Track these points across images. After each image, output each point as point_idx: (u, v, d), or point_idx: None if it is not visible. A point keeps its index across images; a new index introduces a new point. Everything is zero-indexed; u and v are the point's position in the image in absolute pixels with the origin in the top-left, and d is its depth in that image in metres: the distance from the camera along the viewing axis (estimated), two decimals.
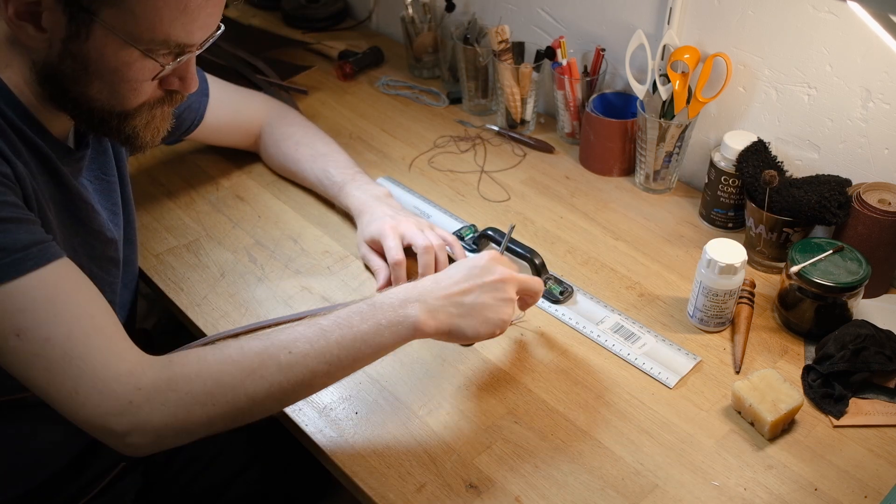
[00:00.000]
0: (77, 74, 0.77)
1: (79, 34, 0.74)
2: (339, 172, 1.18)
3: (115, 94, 0.79)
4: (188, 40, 0.78)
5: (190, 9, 0.75)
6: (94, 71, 0.77)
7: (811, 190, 1.03)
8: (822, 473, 0.85)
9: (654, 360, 0.98)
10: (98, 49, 0.75)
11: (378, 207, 1.11)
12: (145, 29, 0.75)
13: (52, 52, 0.75)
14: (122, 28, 0.74)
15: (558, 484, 0.84)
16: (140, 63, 0.77)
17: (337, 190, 1.17)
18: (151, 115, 0.84)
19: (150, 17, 0.74)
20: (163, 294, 1.08)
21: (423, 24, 1.50)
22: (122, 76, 0.78)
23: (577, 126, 1.35)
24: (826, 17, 1.02)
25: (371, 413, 0.91)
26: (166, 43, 0.77)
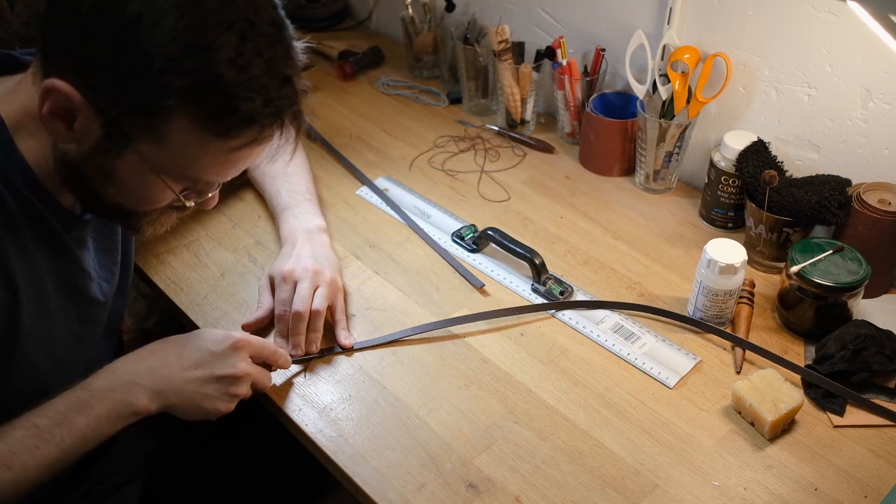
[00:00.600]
0: (96, 178, 0.75)
1: (109, 150, 0.72)
2: (288, 195, 1.14)
3: (129, 202, 0.79)
4: (219, 180, 0.79)
5: (231, 159, 0.75)
6: (114, 181, 0.75)
7: (811, 190, 1.03)
8: (822, 473, 0.85)
9: (654, 360, 0.97)
10: (125, 169, 0.74)
11: (300, 244, 1.06)
12: (179, 168, 0.74)
13: (77, 151, 0.73)
14: (156, 162, 0.73)
15: (558, 484, 0.84)
16: (163, 189, 0.77)
17: (278, 213, 1.13)
18: (159, 217, 0.83)
19: (189, 162, 0.74)
20: (163, 294, 1.08)
21: (423, 24, 1.50)
22: (142, 194, 0.78)
23: (577, 126, 1.35)
24: (826, 17, 1.02)
25: (371, 413, 0.91)
26: (196, 181, 0.77)
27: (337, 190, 1.26)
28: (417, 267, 1.12)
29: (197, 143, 0.71)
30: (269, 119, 0.72)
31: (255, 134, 0.72)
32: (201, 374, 0.84)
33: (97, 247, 0.92)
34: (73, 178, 0.76)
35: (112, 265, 0.95)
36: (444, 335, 1.01)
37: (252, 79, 0.68)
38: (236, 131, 0.71)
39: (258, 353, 0.90)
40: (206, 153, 0.73)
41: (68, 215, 0.83)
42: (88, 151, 0.73)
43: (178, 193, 0.78)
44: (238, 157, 0.75)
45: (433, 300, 1.06)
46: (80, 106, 0.69)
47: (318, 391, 0.94)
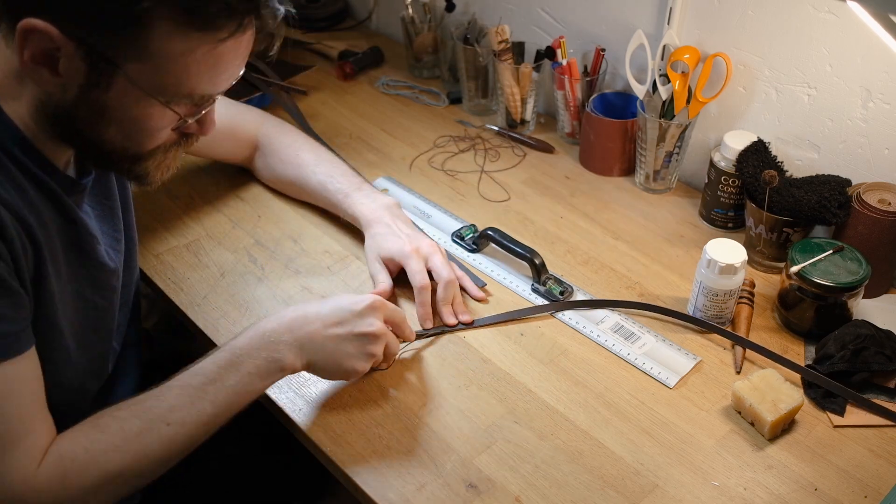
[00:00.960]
0: (92, 119, 0.75)
1: (98, 83, 0.71)
2: (343, 180, 1.15)
3: (131, 140, 0.78)
4: (213, 91, 0.78)
5: (220, 63, 0.74)
6: (110, 118, 0.75)
7: (811, 190, 1.03)
8: (822, 473, 0.85)
9: (654, 360, 0.97)
10: (118, 99, 0.73)
11: (392, 222, 1.09)
12: (171, 83, 0.73)
13: (66, 95, 0.73)
14: (147, 81, 0.72)
15: (558, 484, 0.84)
16: (161, 113, 0.76)
17: (342, 197, 1.13)
18: (164, 157, 0.83)
19: (179, 73, 0.72)
20: (163, 294, 1.08)
21: (423, 24, 1.50)
22: (141, 125, 0.77)
23: (577, 126, 1.35)
24: (826, 17, 1.02)
25: (371, 413, 0.91)
26: (190, 95, 0.76)
27: None
28: None
29: (182, 45, 0.70)
30: (244, 4, 0.71)
31: (235, 24, 0.71)
32: (341, 332, 0.87)
33: (97, 214, 0.91)
34: (69, 129, 0.76)
35: (115, 232, 0.95)
36: (443, 334, 1.01)
37: None
38: (217, 21, 0.70)
39: (391, 316, 0.93)
40: (192, 55, 0.71)
41: (67, 179, 0.82)
42: (78, 92, 0.72)
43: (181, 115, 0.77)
44: (225, 52, 0.73)
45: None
46: (61, 42, 0.68)
47: (318, 391, 0.94)
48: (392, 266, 1.06)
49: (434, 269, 1.04)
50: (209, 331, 1.02)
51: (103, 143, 0.77)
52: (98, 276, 0.89)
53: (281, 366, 0.85)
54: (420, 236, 1.08)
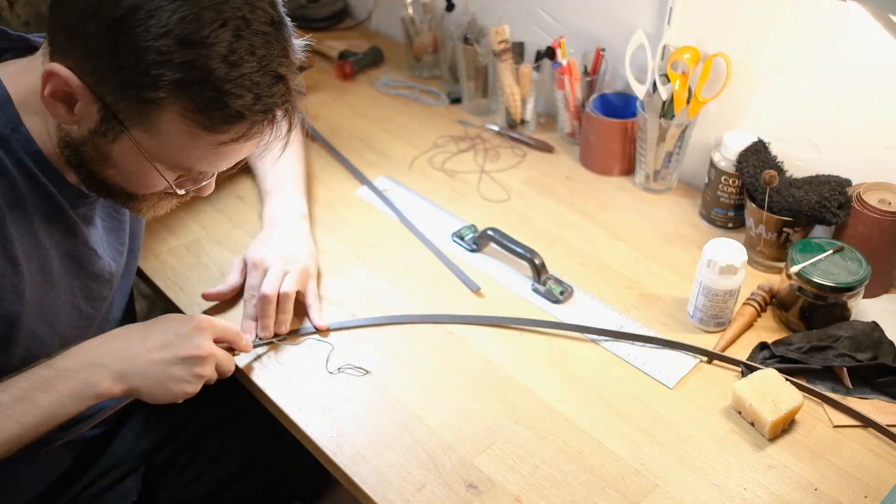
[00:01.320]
0: (96, 159, 0.77)
1: (106, 134, 0.74)
2: (273, 180, 1.16)
3: (129, 184, 0.80)
4: (212, 170, 0.80)
5: (222, 152, 0.76)
6: (112, 164, 0.77)
7: (811, 190, 1.03)
8: (822, 473, 0.85)
9: (654, 360, 0.97)
10: (121, 153, 0.76)
11: (276, 231, 1.08)
12: (171, 157, 0.76)
13: (77, 132, 0.75)
14: (149, 149, 0.75)
15: (558, 484, 0.84)
16: (158, 177, 0.78)
17: (262, 196, 1.17)
18: (159, 202, 0.85)
19: (179, 152, 0.75)
20: (163, 294, 1.08)
21: (423, 24, 1.50)
22: (139, 178, 0.79)
23: (577, 126, 1.35)
24: (826, 17, 1.02)
25: (371, 413, 0.91)
26: (189, 171, 0.78)
27: (337, 190, 1.26)
28: (417, 267, 1.12)
29: (187, 135, 0.72)
30: (259, 115, 0.72)
31: (244, 130, 0.73)
32: (166, 356, 0.85)
33: (105, 226, 0.93)
34: (75, 159, 0.78)
35: (120, 245, 0.96)
36: (444, 335, 1.01)
37: (243, 76, 0.69)
38: (225, 126, 0.72)
39: (221, 334, 0.91)
40: (195, 145, 0.74)
41: (74, 192, 0.84)
42: (88, 134, 0.75)
43: (172, 182, 0.79)
44: (228, 150, 0.76)
45: (433, 300, 1.06)
46: (79, 90, 0.71)
47: (318, 391, 0.94)
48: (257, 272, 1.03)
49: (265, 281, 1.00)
50: None
51: (104, 179, 0.80)
52: (91, 286, 0.91)
53: (97, 392, 0.82)
54: (279, 248, 1.05)
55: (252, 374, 0.96)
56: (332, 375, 0.96)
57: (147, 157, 0.75)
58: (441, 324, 1.02)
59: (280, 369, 0.97)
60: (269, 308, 0.98)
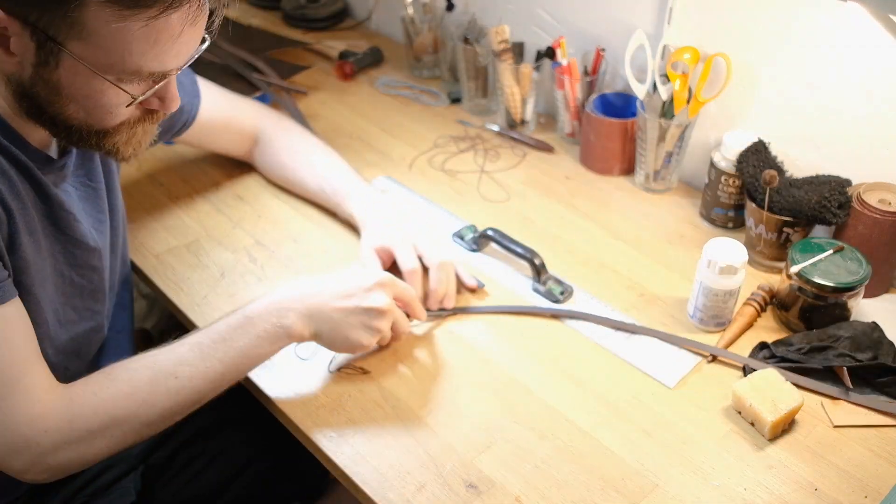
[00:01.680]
0: (50, 97, 0.76)
1: (48, 62, 0.72)
2: (339, 182, 1.17)
3: (92, 116, 0.79)
4: (162, 69, 0.77)
5: (161, 41, 0.73)
6: (66, 95, 0.76)
7: (811, 190, 1.03)
8: (822, 473, 0.85)
9: (654, 359, 0.97)
10: (69, 77, 0.74)
11: (386, 216, 1.11)
12: (115, 61, 0.73)
13: (24, 74, 0.74)
14: (91, 59, 0.73)
15: (558, 484, 0.84)
16: (113, 91, 0.76)
17: (339, 200, 1.16)
18: (132, 133, 0.83)
19: (119, 50, 0.72)
20: (163, 294, 1.08)
21: (423, 24, 1.50)
22: (96, 102, 0.77)
23: (577, 126, 1.35)
24: (826, 17, 1.02)
25: (371, 413, 0.91)
26: (138, 73, 0.76)
27: None
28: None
29: (116, 23, 0.70)
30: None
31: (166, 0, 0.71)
32: (349, 305, 0.90)
33: (79, 195, 0.92)
34: (34, 107, 0.77)
35: (99, 213, 0.95)
36: (443, 335, 1.01)
37: None
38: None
39: (400, 295, 0.95)
40: (129, 33, 0.71)
41: (42, 156, 0.83)
42: (33, 71, 0.73)
43: (131, 94, 0.77)
44: (164, 35, 0.73)
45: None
46: (6, 23, 0.70)
47: (318, 391, 0.94)
48: (385, 256, 1.08)
49: (423, 255, 1.05)
50: None
51: (67, 120, 0.78)
52: (75, 252, 0.90)
53: (288, 332, 0.88)
54: (412, 227, 1.10)
55: (252, 374, 0.96)
56: (332, 375, 0.96)
57: (94, 71, 0.73)
58: (448, 318, 1.02)
59: (280, 369, 0.97)
60: (445, 276, 1.04)
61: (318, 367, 0.97)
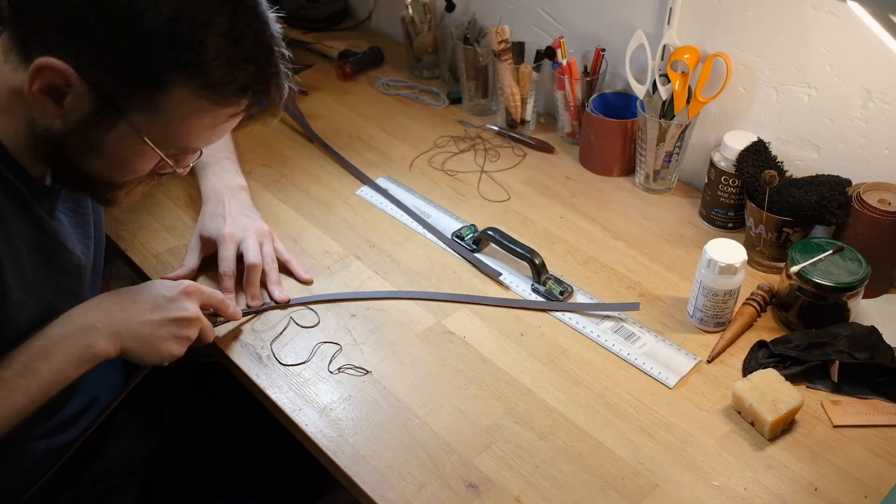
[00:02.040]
0: (80, 150, 0.77)
1: (100, 124, 0.74)
2: (207, 153, 1.16)
3: (113, 173, 0.81)
4: (203, 146, 0.82)
5: (220, 127, 0.79)
6: (100, 153, 0.78)
7: (811, 190, 1.03)
8: (822, 473, 0.85)
9: (653, 360, 0.97)
10: (116, 141, 0.76)
11: (226, 202, 1.11)
12: (172, 138, 0.77)
13: (61, 125, 0.75)
14: (150, 133, 0.76)
15: (558, 484, 0.84)
16: (151, 159, 0.80)
17: (199, 168, 1.17)
18: (136, 186, 0.86)
19: (183, 132, 0.77)
20: None
21: (423, 24, 1.50)
22: (129, 165, 0.80)
23: (577, 126, 1.35)
24: (826, 17, 1.02)
25: (371, 413, 0.91)
26: (185, 150, 0.81)
27: (337, 190, 1.26)
28: (418, 267, 1.12)
29: (193, 113, 0.75)
30: (261, 86, 0.76)
31: (247, 101, 0.77)
32: (156, 317, 0.88)
33: (70, 220, 0.93)
34: (54, 153, 0.78)
35: (87, 239, 0.96)
36: (444, 335, 1.01)
37: (246, 50, 0.73)
38: (233, 99, 0.75)
39: (207, 300, 0.94)
40: (200, 123, 0.77)
41: (40, 187, 0.84)
42: (75, 126, 0.75)
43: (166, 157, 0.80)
44: (226, 125, 0.79)
45: (433, 300, 1.06)
46: (75, 82, 0.71)
47: (317, 391, 0.94)
48: (209, 247, 1.08)
49: (243, 253, 1.05)
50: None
51: (85, 171, 0.80)
52: (60, 279, 0.91)
53: (94, 354, 0.85)
54: (242, 220, 1.09)
55: (252, 374, 0.96)
56: (332, 375, 0.96)
57: (149, 143, 0.76)
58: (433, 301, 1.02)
59: (280, 369, 0.97)
60: (256, 276, 1.04)
61: (318, 367, 0.97)
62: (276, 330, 1.01)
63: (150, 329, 0.88)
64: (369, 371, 0.96)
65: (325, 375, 0.96)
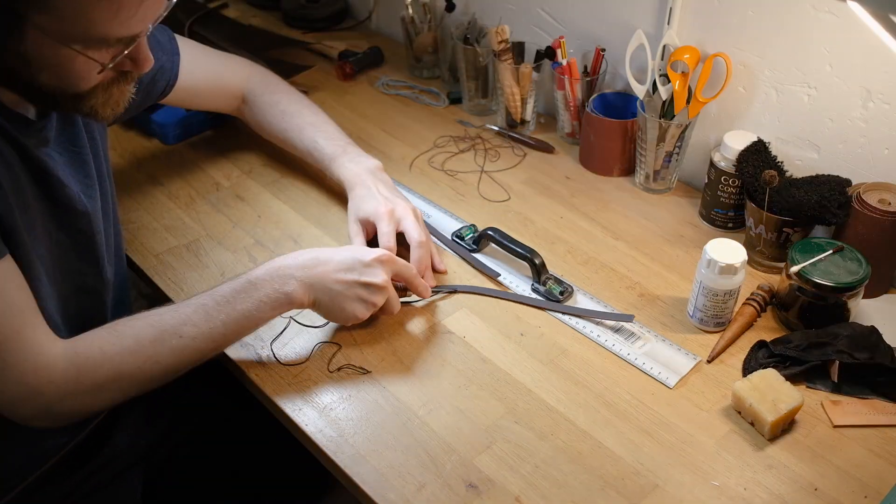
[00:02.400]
0: (21, 66, 0.75)
1: (12, 33, 0.72)
2: (329, 144, 1.18)
3: (64, 82, 0.78)
4: (129, 33, 0.76)
5: (124, 7, 0.73)
6: (36, 65, 0.75)
7: (811, 190, 1.03)
8: (822, 473, 0.85)
9: (653, 360, 0.97)
10: (36, 48, 0.73)
11: (373, 184, 1.11)
12: (79, 31, 0.73)
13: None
14: (55, 30, 0.72)
15: (558, 484, 0.84)
16: (81, 59, 0.75)
17: (328, 161, 1.17)
18: (108, 94, 0.82)
19: (81, 18, 0.72)
20: (163, 294, 1.08)
21: (423, 24, 1.50)
22: (67, 70, 0.76)
23: (577, 126, 1.35)
24: (826, 17, 1.02)
25: (371, 413, 0.91)
26: (105, 40, 0.75)
27: (337, 190, 1.26)
28: None
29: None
30: None
31: None
32: (349, 278, 0.93)
33: (65, 160, 0.91)
34: (5, 75, 0.76)
35: (86, 178, 0.94)
36: (443, 334, 1.01)
37: None
38: None
39: (401, 273, 0.98)
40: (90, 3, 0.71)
41: (18, 117, 0.82)
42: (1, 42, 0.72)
43: (100, 62, 0.76)
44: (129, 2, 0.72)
45: (433, 300, 1.06)
46: None
47: (317, 391, 0.94)
48: (369, 228, 1.09)
49: (406, 232, 1.06)
50: None
51: (40, 87, 0.78)
52: (62, 214, 0.89)
53: (290, 299, 0.91)
54: (397, 198, 1.10)
55: (251, 373, 0.96)
56: (332, 375, 0.96)
57: (60, 42, 0.73)
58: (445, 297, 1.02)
59: (280, 369, 0.97)
60: (427, 254, 1.06)
61: (318, 366, 0.97)
62: (275, 329, 1.01)
63: (341, 288, 0.92)
64: (369, 371, 0.96)
65: (326, 375, 0.96)
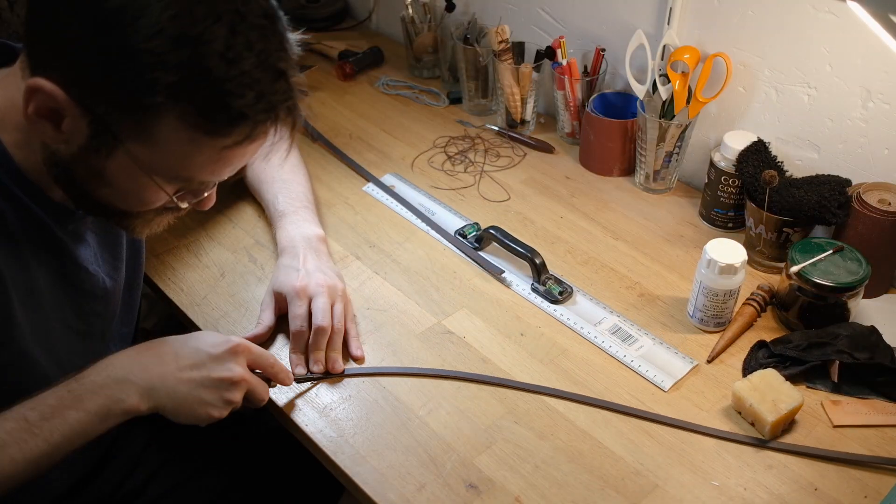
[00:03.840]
0: (88, 178, 0.73)
1: (98, 150, 0.69)
2: (285, 202, 1.11)
3: (124, 202, 0.76)
4: (214, 178, 0.76)
5: (224, 158, 0.72)
6: (107, 182, 0.73)
7: (811, 190, 1.03)
8: (822, 473, 0.85)
9: (650, 362, 0.97)
10: (116, 169, 0.71)
11: (302, 254, 1.03)
12: (171, 168, 0.72)
13: (66, 150, 0.71)
14: (146, 161, 0.70)
15: (558, 484, 0.84)
16: (157, 191, 0.74)
17: (276, 220, 1.10)
18: (154, 218, 0.81)
19: (181, 160, 0.71)
20: (163, 294, 1.08)
21: (423, 24, 1.50)
22: (136, 196, 0.75)
23: (577, 126, 1.35)
24: (826, 17, 1.02)
25: (371, 413, 0.91)
26: (189, 180, 0.74)
27: (337, 190, 1.26)
28: (417, 267, 1.12)
29: (187, 142, 0.68)
30: (262, 115, 0.68)
31: (247, 131, 0.69)
32: (196, 376, 0.81)
33: (99, 241, 0.90)
34: (64, 178, 0.74)
35: (116, 260, 0.93)
36: (443, 334, 1.01)
37: (244, 73, 0.65)
38: (228, 129, 0.68)
39: (257, 362, 0.87)
40: (197, 152, 0.70)
41: (59, 209, 0.80)
42: (78, 151, 0.70)
43: (172, 195, 0.76)
44: (231, 155, 0.72)
45: (433, 300, 1.06)
46: (66, 105, 0.67)
47: (318, 391, 0.94)
48: (283, 302, 1.00)
49: (312, 313, 0.96)
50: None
51: (98, 199, 0.76)
52: (82, 302, 0.88)
53: (124, 410, 0.78)
54: (316, 275, 1.00)
55: None
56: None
57: (144, 171, 0.71)
58: (320, 382, 1.02)
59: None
60: (324, 341, 0.95)
61: None
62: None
63: (189, 388, 0.81)
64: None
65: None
